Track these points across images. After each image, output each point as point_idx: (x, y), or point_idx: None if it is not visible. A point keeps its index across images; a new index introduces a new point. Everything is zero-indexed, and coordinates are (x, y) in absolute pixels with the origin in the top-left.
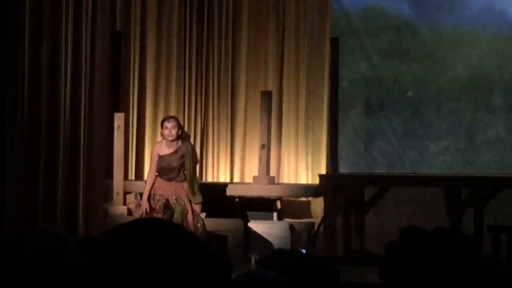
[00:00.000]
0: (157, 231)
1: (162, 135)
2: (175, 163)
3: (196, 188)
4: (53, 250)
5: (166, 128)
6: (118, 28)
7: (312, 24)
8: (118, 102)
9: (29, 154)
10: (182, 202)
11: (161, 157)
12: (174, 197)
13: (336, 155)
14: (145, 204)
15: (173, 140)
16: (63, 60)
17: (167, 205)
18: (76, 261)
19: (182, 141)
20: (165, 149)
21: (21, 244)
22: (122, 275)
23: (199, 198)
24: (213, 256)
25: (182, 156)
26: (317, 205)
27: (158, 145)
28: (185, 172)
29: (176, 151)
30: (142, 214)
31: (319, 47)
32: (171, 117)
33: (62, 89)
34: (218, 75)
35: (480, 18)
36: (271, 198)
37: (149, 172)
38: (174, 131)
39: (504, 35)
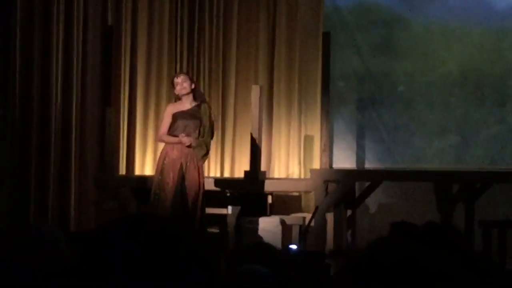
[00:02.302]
0: (149, 228)
1: (174, 95)
2: (189, 121)
3: (202, 141)
4: (44, 246)
5: (177, 84)
6: (109, 23)
7: (304, 19)
8: (109, 97)
9: (20, 149)
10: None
11: (174, 117)
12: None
13: (327, 149)
14: (182, 139)
15: (187, 94)
16: (55, 55)
17: (159, 188)
18: (67, 256)
19: (198, 100)
20: (178, 107)
21: (12, 240)
22: (113, 271)
23: (201, 151)
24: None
25: (197, 115)
26: (309, 200)
27: (171, 105)
28: (200, 132)
29: (191, 109)
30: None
31: (311, 42)
32: (180, 72)
33: (53, 84)
34: (209, 69)
35: (471, 13)
36: (262, 193)
37: (161, 135)
38: (186, 84)
39: (495, 29)
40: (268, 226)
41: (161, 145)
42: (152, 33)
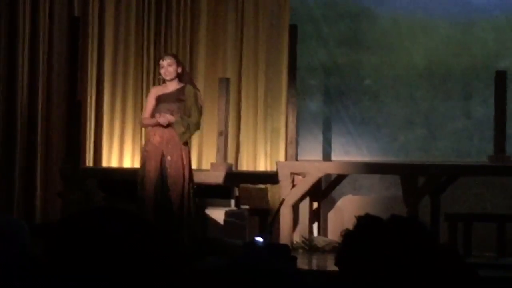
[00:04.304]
0: (114, 221)
1: (159, 79)
2: (173, 105)
3: (184, 119)
4: (7, 237)
5: (162, 66)
6: (76, 14)
7: (271, 11)
8: (75, 89)
9: None
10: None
11: (157, 100)
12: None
13: (294, 142)
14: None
15: (171, 80)
16: (21, 47)
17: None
18: (31, 248)
19: (183, 82)
20: (162, 89)
21: None
22: (77, 263)
23: (180, 128)
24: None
25: (181, 98)
26: (275, 192)
27: (155, 87)
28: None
29: (175, 91)
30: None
31: (278, 34)
32: (168, 53)
33: (19, 77)
34: None
35: (438, 6)
36: (229, 185)
37: (143, 119)
38: (171, 68)
39: (461, 23)
40: (234, 218)
41: (128, 137)
42: (119, 25)
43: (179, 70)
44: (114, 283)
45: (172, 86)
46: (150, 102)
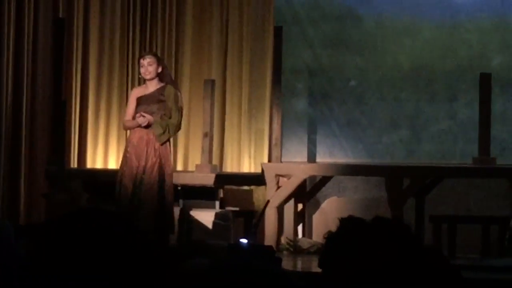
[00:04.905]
0: (98, 223)
1: (139, 78)
2: (153, 106)
3: (164, 121)
4: None
5: (142, 65)
6: (60, 15)
7: (256, 13)
8: (60, 89)
9: None
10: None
11: (138, 101)
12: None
13: (279, 144)
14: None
15: (151, 79)
16: (5, 47)
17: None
18: (16, 249)
19: (164, 82)
20: (142, 90)
21: None
22: (62, 264)
23: (158, 129)
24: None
25: (161, 99)
26: (260, 194)
27: (136, 89)
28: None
29: (155, 92)
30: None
31: (263, 36)
32: (148, 52)
33: (4, 77)
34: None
35: (423, 8)
36: (213, 186)
37: (124, 121)
38: (151, 68)
39: (446, 25)
40: (219, 220)
41: (113, 138)
42: (104, 26)
43: (160, 70)
44: (99, 285)
45: (152, 87)
46: (131, 104)
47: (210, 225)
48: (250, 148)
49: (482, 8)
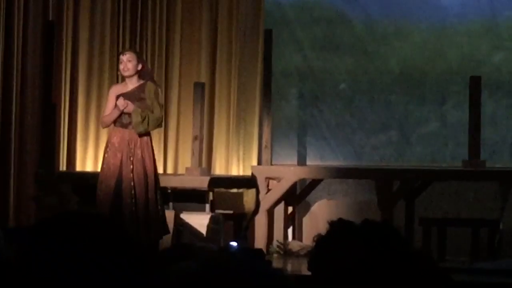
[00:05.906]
0: (87, 225)
1: (118, 75)
2: (133, 104)
3: (143, 111)
4: None
5: (121, 62)
6: (50, 18)
7: (245, 16)
8: (50, 92)
9: None
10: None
11: (117, 99)
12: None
13: (269, 146)
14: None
15: (130, 76)
16: None
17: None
18: (5, 252)
19: (144, 80)
20: (121, 88)
21: None
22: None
23: (136, 117)
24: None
25: (141, 96)
26: (250, 197)
27: (115, 86)
28: None
29: (135, 89)
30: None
31: (253, 39)
32: (128, 49)
33: None
34: (152, 66)
35: (413, 10)
36: (204, 189)
37: (102, 117)
38: (130, 65)
39: (436, 28)
40: (209, 223)
41: (103, 141)
42: (94, 29)
43: (139, 67)
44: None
45: (132, 84)
46: (110, 101)
47: (200, 228)
48: (239, 151)
49: (472, 11)
